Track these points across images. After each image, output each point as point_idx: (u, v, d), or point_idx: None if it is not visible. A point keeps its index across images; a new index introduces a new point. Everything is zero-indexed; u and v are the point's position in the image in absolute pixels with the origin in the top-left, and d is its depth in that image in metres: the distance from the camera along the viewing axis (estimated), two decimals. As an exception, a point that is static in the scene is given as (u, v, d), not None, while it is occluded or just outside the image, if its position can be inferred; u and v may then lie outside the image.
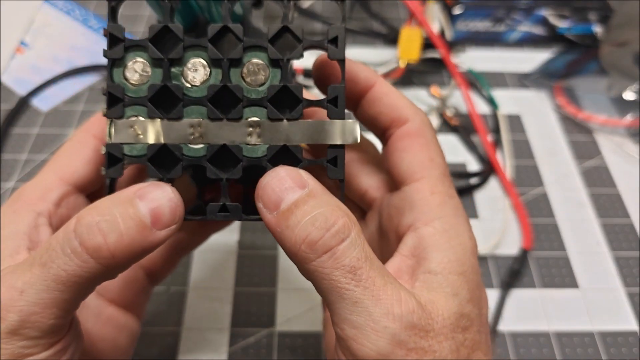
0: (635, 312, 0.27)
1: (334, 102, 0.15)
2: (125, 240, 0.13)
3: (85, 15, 0.43)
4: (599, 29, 0.40)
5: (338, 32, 0.15)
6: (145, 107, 0.15)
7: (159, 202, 0.14)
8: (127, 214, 0.13)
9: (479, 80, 0.38)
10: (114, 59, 0.15)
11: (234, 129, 0.14)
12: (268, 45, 0.15)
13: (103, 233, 0.13)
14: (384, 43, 0.41)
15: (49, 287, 0.13)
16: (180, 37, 0.15)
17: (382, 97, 0.17)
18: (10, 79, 0.37)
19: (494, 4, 0.40)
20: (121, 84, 0.15)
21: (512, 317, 0.27)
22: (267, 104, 0.14)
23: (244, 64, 0.15)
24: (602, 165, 0.34)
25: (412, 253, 0.15)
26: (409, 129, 0.16)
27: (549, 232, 0.30)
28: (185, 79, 0.15)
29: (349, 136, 0.15)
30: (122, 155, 0.15)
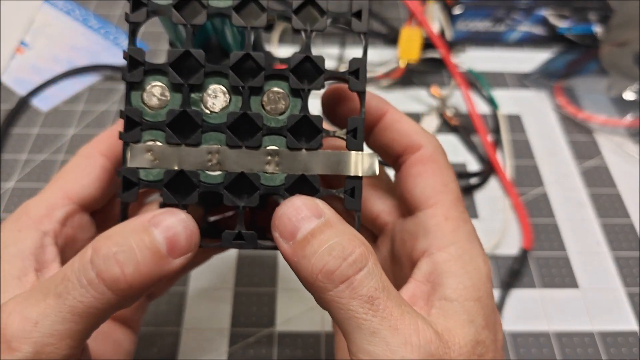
0: (635, 312, 0.27)
1: (354, 134, 0.15)
2: (143, 270, 0.13)
3: (85, 15, 0.43)
4: (599, 29, 0.40)
5: (360, 65, 0.15)
6: (162, 131, 0.14)
7: (174, 229, 0.14)
8: (143, 244, 0.13)
9: (479, 80, 0.38)
10: (132, 82, 0.15)
11: (252, 156, 0.14)
12: (290, 74, 0.15)
13: (120, 264, 0.13)
14: (384, 43, 0.41)
15: (65, 318, 0.13)
16: (202, 63, 0.14)
17: (394, 124, 0.17)
18: (10, 79, 0.37)
19: (494, 4, 0.40)
20: (139, 107, 0.15)
21: (512, 317, 0.27)
22: (287, 133, 0.14)
23: (264, 92, 0.15)
24: (602, 165, 0.34)
25: (427, 279, 0.15)
26: (423, 155, 0.16)
27: (549, 232, 0.30)
28: (204, 105, 0.15)
29: (368, 169, 0.15)
30: (137, 180, 0.14)
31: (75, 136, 0.34)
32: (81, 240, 0.17)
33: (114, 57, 0.39)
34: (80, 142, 0.34)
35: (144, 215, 0.14)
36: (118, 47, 0.40)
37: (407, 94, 0.38)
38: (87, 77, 0.38)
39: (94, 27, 0.42)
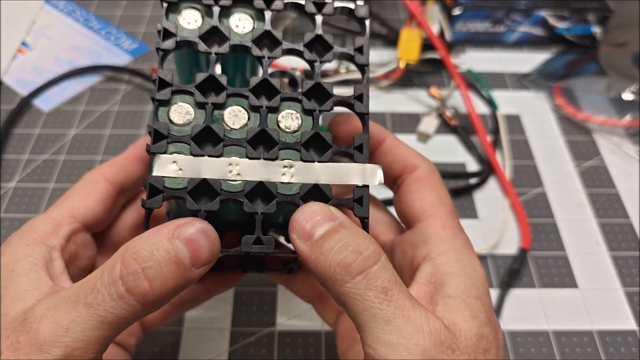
0: (633, 312, 0.27)
1: (360, 149, 0.16)
2: (169, 283, 0.14)
3: (86, 16, 0.43)
4: (597, 30, 0.40)
5: (363, 90, 0.17)
6: (187, 144, 0.16)
7: (197, 241, 0.15)
8: (169, 257, 0.14)
9: (479, 81, 0.38)
10: (161, 100, 0.16)
11: (269, 168, 0.16)
12: (303, 97, 0.16)
13: (149, 280, 0.14)
14: (383, 44, 0.41)
15: (95, 326, 0.14)
16: (224, 86, 0.16)
17: (392, 148, 0.18)
18: (12, 80, 0.38)
19: (493, 5, 0.40)
20: (165, 122, 0.16)
21: (511, 316, 0.27)
22: (301, 147, 0.16)
23: (280, 111, 0.16)
24: (601, 165, 0.34)
25: (429, 280, 0.16)
26: (419, 174, 0.18)
27: (548, 232, 0.30)
28: (225, 122, 0.16)
29: (374, 178, 0.16)
30: (162, 188, 0.15)
31: (76, 136, 0.34)
32: (83, 257, 0.18)
33: (114, 57, 0.39)
34: (81, 142, 0.34)
35: (166, 227, 0.15)
36: (119, 48, 0.40)
37: (406, 95, 0.38)
38: (88, 77, 0.38)
39: (94, 28, 0.42)
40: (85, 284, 0.14)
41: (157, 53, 0.17)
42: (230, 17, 0.17)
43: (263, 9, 0.17)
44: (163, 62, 0.17)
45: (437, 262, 0.16)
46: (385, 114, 0.36)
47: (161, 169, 0.15)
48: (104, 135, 0.34)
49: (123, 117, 0.36)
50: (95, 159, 0.33)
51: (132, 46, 0.40)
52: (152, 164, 0.15)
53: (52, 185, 0.32)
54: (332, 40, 0.17)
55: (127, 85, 0.38)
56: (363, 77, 0.17)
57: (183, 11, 0.17)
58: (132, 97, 0.37)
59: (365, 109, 0.17)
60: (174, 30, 0.16)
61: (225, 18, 0.17)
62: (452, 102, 0.37)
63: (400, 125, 0.36)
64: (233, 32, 0.17)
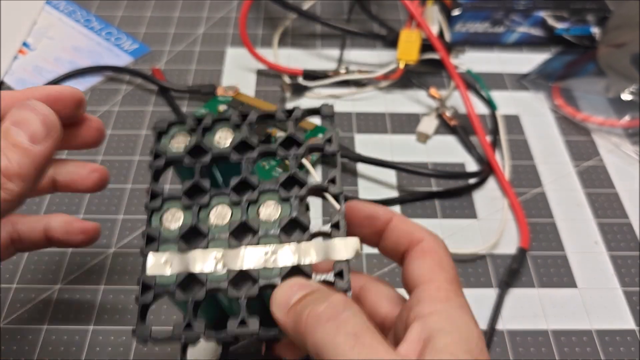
0: (632, 311, 0.27)
1: (337, 226, 0.17)
2: (23, 166, 0.16)
3: (87, 17, 0.43)
4: (596, 31, 0.40)
5: (336, 174, 0.18)
6: (176, 243, 0.17)
7: (27, 120, 0.16)
8: (6, 145, 0.16)
9: (478, 81, 0.38)
10: (152, 209, 0.18)
11: (251, 255, 0.17)
12: (279, 188, 0.18)
13: (8, 177, 0.16)
14: (383, 45, 0.41)
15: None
16: (207, 189, 0.18)
17: (399, 225, 0.19)
18: (13, 80, 0.38)
19: (492, 5, 0.40)
20: (157, 226, 0.18)
21: (510, 316, 0.27)
22: (280, 232, 0.17)
23: (259, 202, 0.18)
24: (600, 165, 0.34)
25: (419, 337, 0.16)
26: (423, 245, 0.18)
27: (547, 232, 0.30)
28: (210, 219, 0.18)
29: (352, 250, 0.17)
30: (154, 285, 0.17)
31: (77, 137, 0.35)
32: None
33: (115, 58, 0.40)
34: (82, 143, 0.34)
35: (5, 120, 0.16)
36: (119, 49, 0.40)
37: (406, 95, 0.38)
38: (88, 78, 0.38)
39: (95, 29, 0.42)
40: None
41: (150, 170, 0.19)
42: (215, 133, 0.20)
43: (239, 124, 0.20)
44: (155, 178, 0.19)
45: (428, 320, 0.16)
46: (385, 115, 0.37)
47: (153, 268, 0.17)
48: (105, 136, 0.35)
49: (124, 118, 0.36)
50: (96, 159, 0.33)
51: (133, 47, 0.40)
52: (145, 264, 0.17)
53: (53, 185, 0.32)
54: (302, 138, 0.19)
55: (127, 86, 0.38)
56: (338, 164, 0.19)
57: (172, 134, 0.20)
58: (132, 97, 0.37)
59: (339, 189, 0.18)
60: (164, 152, 0.19)
61: (209, 135, 0.20)
62: (452, 103, 0.37)
63: (399, 126, 0.36)
64: (214, 145, 0.19)
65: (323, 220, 0.30)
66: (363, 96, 0.38)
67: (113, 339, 0.25)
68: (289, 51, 0.41)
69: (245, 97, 0.36)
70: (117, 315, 0.26)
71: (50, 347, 0.25)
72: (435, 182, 0.32)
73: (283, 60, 0.40)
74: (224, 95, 0.36)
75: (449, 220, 0.31)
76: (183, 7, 0.44)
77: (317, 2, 0.45)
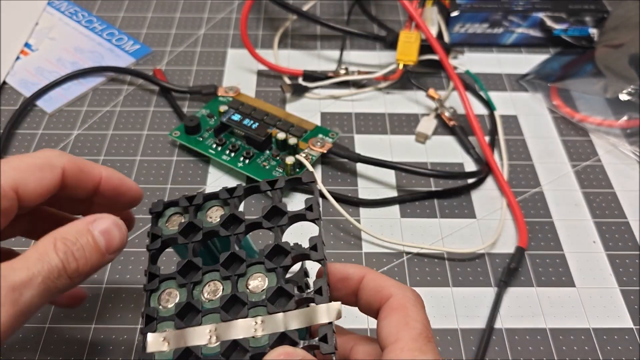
0: (630, 310, 0.27)
1: (319, 292, 0.18)
2: (90, 264, 0.18)
3: (88, 18, 0.43)
4: (594, 32, 0.40)
5: (317, 241, 0.19)
6: (173, 321, 0.19)
7: (111, 232, 0.18)
8: (89, 244, 0.18)
9: (476, 82, 0.38)
10: (151, 290, 0.19)
11: (241, 326, 0.18)
12: (265, 260, 0.19)
13: (76, 259, 0.17)
14: (382, 46, 0.41)
15: (39, 294, 0.17)
16: (200, 267, 0.20)
17: (370, 282, 0.19)
18: (15, 81, 0.38)
19: (491, 6, 0.40)
20: (156, 307, 0.19)
21: (509, 315, 0.27)
22: (267, 302, 0.18)
23: (247, 275, 0.19)
24: (598, 165, 0.34)
25: None
26: (391, 302, 0.18)
27: (546, 232, 0.30)
28: (203, 295, 0.19)
29: (334, 314, 0.18)
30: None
31: (78, 137, 0.35)
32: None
33: (117, 59, 0.40)
34: (84, 143, 0.34)
35: (86, 219, 0.18)
36: (121, 50, 0.41)
37: (405, 96, 0.38)
38: (90, 78, 0.38)
39: (97, 30, 0.42)
40: (27, 261, 0.17)
41: (148, 251, 0.20)
42: (206, 211, 0.21)
43: (227, 198, 0.21)
44: (154, 260, 0.20)
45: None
46: (385, 115, 0.37)
47: (152, 346, 0.18)
48: (106, 136, 0.35)
49: (125, 118, 0.36)
50: (98, 159, 0.33)
51: (134, 47, 0.41)
52: (144, 342, 0.18)
53: (55, 185, 0.32)
54: (286, 207, 0.20)
55: (129, 86, 0.38)
56: (319, 230, 0.20)
57: (167, 216, 0.21)
58: (134, 97, 0.37)
59: (321, 255, 0.19)
60: (160, 234, 0.20)
61: (202, 212, 0.21)
62: (451, 103, 0.37)
63: (399, 126, 0.36)
64: (206, 222, 0.21)
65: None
66: (362, 97, 0.38)
67: (115, 337, 0.25)
68: (289, 52, 0.41)
69: (246, 97, 0.36)
70: (119, 314, 0.26)
71: (52, 346, 0.25)
72: (434, 182, 0.33)
73: (283, 61, 0.40)
74: (224, 95, 0.36)
75: (447, 219, 0.31)
76: (184, 8, 0.45)
77: (317, 3, 0.45)
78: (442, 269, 0.29)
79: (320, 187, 0.30)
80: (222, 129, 0.33)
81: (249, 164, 0.32)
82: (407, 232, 0.30)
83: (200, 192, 0.21)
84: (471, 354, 0.25)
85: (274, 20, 0.44)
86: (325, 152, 0.32)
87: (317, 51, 0.41)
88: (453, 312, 0.27)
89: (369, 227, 0.30)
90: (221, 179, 0.33)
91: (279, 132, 0.33)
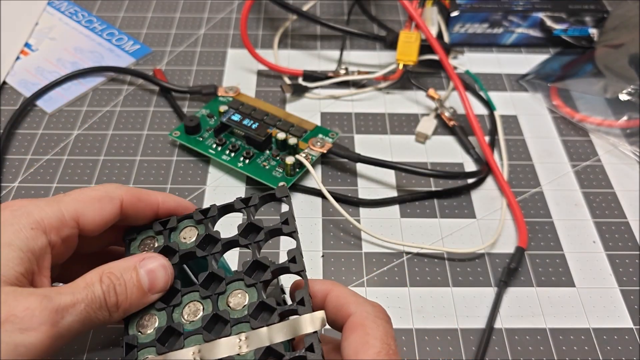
0: (630, 310, 0.27)
1: (302, 302, 0.18)
2: (130, 301, 0.18)
3: (88, 18, 0.43)
4: (594, 32, 0.40)
5: (295, 253, 0.19)
6: (154, 347, 0.18)
7: (156, 273, 0.19)
8: (133, 282, 0.18)
9: (476, 82, 0.38)
10: (128, 318, 0.19)
11: (226, 344, 0.18)
12: (244, 276, 0.19)
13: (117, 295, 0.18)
14: (382, 46, 0.41)
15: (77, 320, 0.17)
16: (179, 289, 0.20)
17: (333, 300, 0.19)
18: (15, 81, 0.38)
19: (491, 6, 0.40)
20: (135, 334, 0.19)
21: (509, 314, 0.27)
22: (250, 318, 0.18)
23: (227, 292, 0.19)
24: (598, 165, 0.34)
25: None
26: (351, 321, 0.18)
27: (546, 232, 0.31)
28: (184, 317, 0.19)
29: (319, 322, 0.18)
30: None
31: (78, 137, 0.35)
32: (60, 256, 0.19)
33: (117, 59, 0.40)
34: (84, 143, 0.34)
35: (135, 257, 0.19)
36: (121, 49, 0.41)
37: (405, 96, 0.38)
38: (90, 78, 0.38)
39: (97, 30, 0.42)
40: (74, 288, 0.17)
41: None
42: (179, 233, 0.21)
43: (202, 219, 0.21)
44: None
45: None
46: (385, 115, 0.37)
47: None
48: (106, 135, 0.35)
49: (125, 118, 0.36)
50: (98, 159, 0.33)
51: (134, 47, 0.41)
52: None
53: (55, 185, 0.32)
54: (262, 223, 0.20)
55: (129, 86, 0.38)
56: (297, 242, 0.20)
57: (139, 240, 0.21)
58: (134, 97, 0.37)
59: (300, 267, 0.19)
60: None
61: (175, 233, 0.21)
62: (450, 103, 0.37)
63: (399, 126, 0.36)
64: (182, 243, 0.21)
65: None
66: (362, 97, 0.38)
67: (115, 337, 0.25)
68: (289, 52, 0.41)
69: (246, 97, 0.36)
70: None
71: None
72: (434, 182, 0.33)
73: (283, 61, 0.40)
74: (224, 95, 0.36)
75: (447, 219, 0.31)
76: (184, 8, 0.45)
77: (317, 3, 0.45)
78: (442, 269, 0.29)
79: (321, 187, 0.30)
80: (222, 129, 0.33)
81: (249, 164, 0.32)
82: (407, 232, 0.30)
83: (174, 216, 0.21)
84: (471, 354, 0.25)
85: (274, 20, 0.44)
86: (325, 152, 0.32)
87: (317, 51, 0.41)
88: (453, 312, 0.27)
89: (369, 227, 0.30)
90: (221, 178, 0.33)
91: (279, 132, 0.33)
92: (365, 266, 0.29)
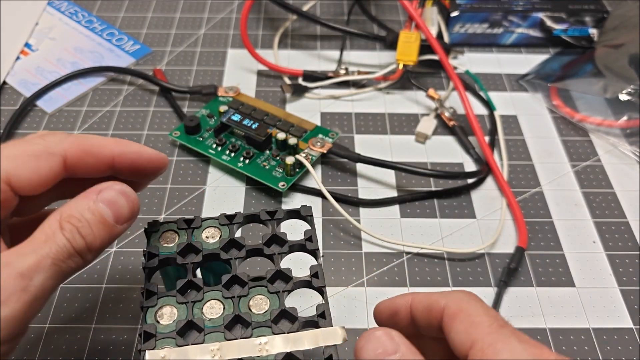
0: (630, 310, 0.27)
1: (323, 316, 0.19)
2: (99, 239, 0.17)
3: (88, 18, 0.43)
4: (594, 32, 0.40)
5: (318, 269, 0.20)
6: (173, 338, 0.18)
7: (118, 203, 0.18)
8: (96, 219, 0.17)
9: (476, 82, 0.38)
10: (148, 306, 0.19)
11: (246, 346, 0.18)
12: (267, 284, 0.20)
13: (83, 236, 0.17)
14: (382, 46, 0.41)
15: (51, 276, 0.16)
16: (201, 287, 0.20)
17: (418, 306, 0.18)
18: (15, 81, 0.38)
19: (490, 7, 0.40)
20: (153, 323, 0.19)
21: (509, 314, 0.27)
22: (271, 323, 0.18)
23: (250, 296, 0.19)
24: (598, 165, 0.34)
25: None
26: (448, 313, 0.17)
27: (546, 232, 0.31)
28: (204, 314, 0.19)
29: (340, 337, 0.18)
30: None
31: (78, 137, 0.35)
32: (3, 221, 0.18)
33: (117, 59, 0.40)
34: (84, 143, 0.34)
35: (91, 192, 0.18)
36: (121, 50, 0.41)
37: (405, 96, 0.38)
38: (90, 79, 0.38)
39: (97, 30, 0.42)
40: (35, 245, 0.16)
41: (144, 271, 0.20)
42: (202, 231, 0.21)
43: (227, 224, 0.21)
44: (149, 278, 0.20)
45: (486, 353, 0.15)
46: (384, 115, 0.37)
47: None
48: (106, 136, 0.35)
49: (125, 118, 0.36)
50: (97, 159, 0.34)
51: (134, 48, 0.41)
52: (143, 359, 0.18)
53: (55, 185, 0.32)
54: (286, 237, 0.21)
55: (129, 87, 0.38)
56: (317, 259, 0.21)
57: (160, 232, 0.21)
58: (134, 97, 0.37)
59: (322, 283, 0.20)
60: (156, 252, 0.20)
61: (198, 231, 0.21)
62: (450, 103, 0.37)
63: (399, 126, 0.36)
64: (205, 242, 0.21)
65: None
66: (362, 97, 0.38)
67: (115, 337, 0.25)
68: (289, 52, 0.41)
69: (246, 97, 0.36)
70: (119, 314, 0.26)
71: (52, 346, 0.25)
72: (434, 182, 0.33)
73: (283, 61, 0.40)
74: (224, 95, 0.36)
75: (447, 219, 0.31)
76: (184, 8, 0.45)
77: (317, 3, 0.45)
78: (442, 269, 0.29)
79: (321, 187, 0.30)
80: (222, 129, 0.34)
81: (249, 164, 0.32)
82: (407, 232, 0.30)
83: (197, 216, 0.21)
84: (471, 353, 0.25)
85: (274, 20, 0.44)
86: (325, 152, 0.32)
87: (317, 51, 0.41)
88: (453, 312, 0.27)
89: (369, 227, 0.30)
90: (221, 178, 0.33)
91: (279, 132, 0.33)
92: (365, 266, 0.29)
